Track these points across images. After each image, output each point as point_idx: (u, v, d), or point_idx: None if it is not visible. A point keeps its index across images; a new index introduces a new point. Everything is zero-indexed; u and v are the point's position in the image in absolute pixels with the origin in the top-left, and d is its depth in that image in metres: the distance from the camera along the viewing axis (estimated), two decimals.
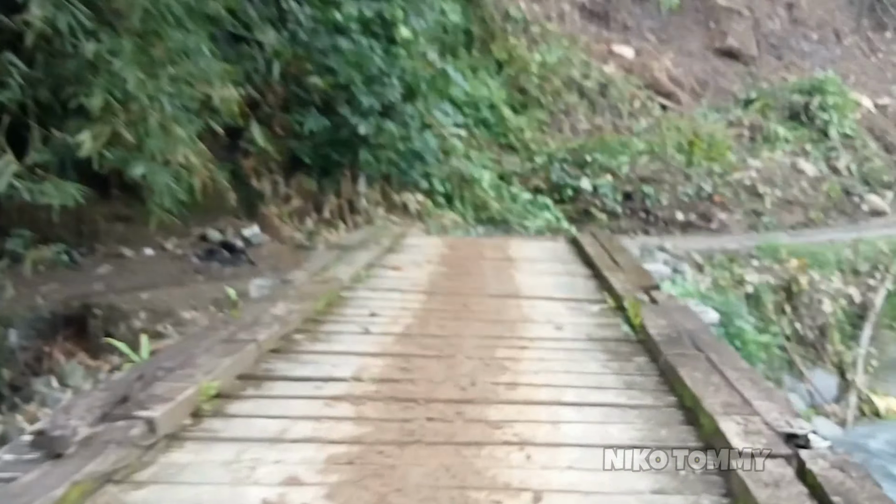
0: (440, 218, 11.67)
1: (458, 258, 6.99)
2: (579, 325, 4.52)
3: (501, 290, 5.58)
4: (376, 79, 10.85)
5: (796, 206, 12.71)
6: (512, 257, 7.03)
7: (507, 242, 7.96)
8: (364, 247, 6.91)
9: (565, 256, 7.11)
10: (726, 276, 9.06)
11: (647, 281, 5.22)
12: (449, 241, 8.24)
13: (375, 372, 3.53)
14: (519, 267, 6.55)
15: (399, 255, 7.06)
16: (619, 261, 6.04)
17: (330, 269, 5.76)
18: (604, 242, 6.96)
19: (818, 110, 15.06)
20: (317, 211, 10.88)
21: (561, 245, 7.76)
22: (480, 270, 6.39)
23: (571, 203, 12.40)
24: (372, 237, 7.54)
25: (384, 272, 6.20)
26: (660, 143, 13.09)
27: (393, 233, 8.03)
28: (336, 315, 4.67)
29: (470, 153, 12.80)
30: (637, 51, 19.08)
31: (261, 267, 9.36)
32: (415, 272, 6.26)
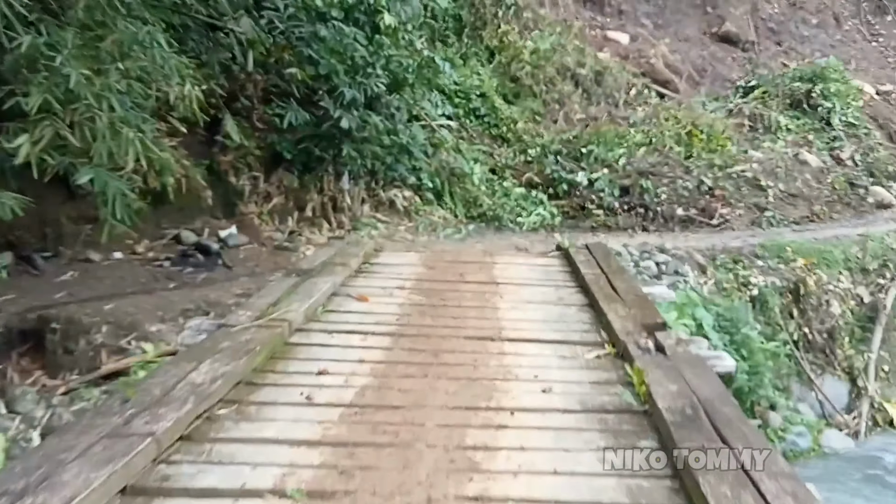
0: (429, 215, 11.14)
1: (435, 282, 6.11)
2: (571, 385, 3.78)
3: (481, 328, 4.80)
4: (360, 69, 10.28)
5: (800, 199, 12.19)
6: (497, 280, 6.20)
7: (492, 260, 6.98)
8: (328, 270, 6.04)
9: (557, 277, 6.31)
10: (730, 279, 8.56)
11: (651, 317, 4.56)
12: (428, 257, 7.28)
13: (305, 477, 2.75)
14: (504, 294, 5.72)
15: (369, 278, 6.26)
16: (618, 287, 5.36)
17: (282, 303, 4.93)
18: (600, 261, 6.24)
19: (820, 98, 14.54)
20: (298, 209, 10.35)
21: (552, 262, 6.91)
22: (460, 299, 5.54)
23: (566, 198, 11.88)
24: (339, 255, 6.66)
25: (348, 303, 5.41)
26: (658, 134, 12.55)
27: (364, 249, 7.10)
28: (277, 374, 3.91)
29: (460, 146, 12.26)
30: (632, 37, 18.54)
31: (237, 271, 8.83)
32: (383, 303, 5.43)
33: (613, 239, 10.58)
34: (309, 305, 4.90)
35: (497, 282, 6.07)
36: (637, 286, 5.52)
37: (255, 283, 8.08)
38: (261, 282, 8.18)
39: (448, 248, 9.20)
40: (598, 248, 6.82)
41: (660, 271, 8.24)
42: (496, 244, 9.97)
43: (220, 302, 7.37)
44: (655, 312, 4.73)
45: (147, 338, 6.80)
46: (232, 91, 10.92)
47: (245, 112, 10.93)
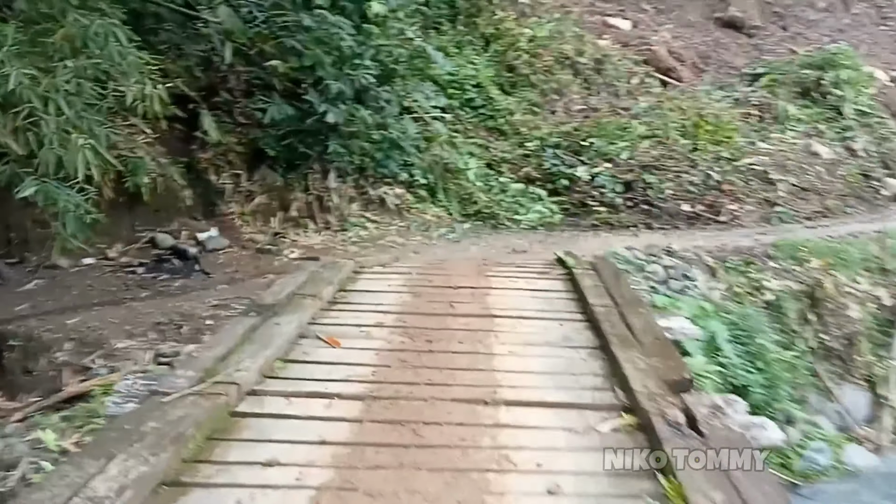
0: (422, 213, 10.71)
1: (421, 316, 5.36)
2: (585, 479, 3.04)
3: (473, 385, 4.06)
4: (347, 60, 9.81)
5: (812, 193, 11.74)
6: (492, 311, 5.46)
7: (487, 285, 6.22)
8: (295, 305, 5.28)
9: (560, 307, 5.57)
10: (742, 283, 8.10)
11: (676, 370, 3.92)
12: (414, 281, 6.48)
13: None
14: (501, 331, 4.98)
15: (343, 312, 5.51)
16: (633, 324, 4.63)
17: (233, 356, 4.19)
18: (610, 287, 5.56)
19: (831, 86, 14.04)
20: (283, 209, 9.94)
21: (555, 286, 6.13)
22: (449, 340, 4.80)
23: (566, 193, 11.41)
24: (310, 284, 5.91)
25: (315, 350, 4.69)
26: (662, 125, 12.06)
27: (340, 274, 6.33)
28: (212, 467, 3.11)
29: (454, 140, 11.82)
30: (633, 23, 18.04)
31: (215, 278, 8.39)
32: (357, 349, 4.71)
33: (616, 238, 10.15)
34: (266, 359, 4.22)
35: (492, 314, 5.36)
36: (654, 323, 4.83)
37: (232, 292, 7.65)
38: (239, 290, 7.75)
39: (439, 255, 8.72)
40: (607, 267, 6.16)
41: (667, 276, 7.80)
42: (492, 246, 9.52)
43: (193, 314, 6.93)
44: (681, 364, 4.09)
45: (113, 356, 6.35)
46: (212, 84, 10.51)
47: (226, 107, 10.52)
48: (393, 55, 10.67)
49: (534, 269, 6.77)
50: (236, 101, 10.56)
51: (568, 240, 9.97)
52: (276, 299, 5.40)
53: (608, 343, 4.42)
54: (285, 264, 8.80)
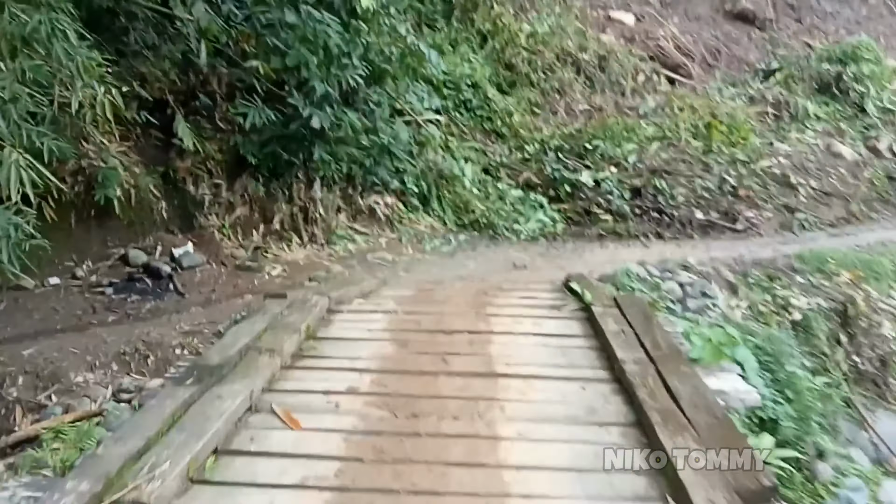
0: (414, 224, 10.29)
1: (406, 376, 4.41)
2: None
3: (473, 494, 3.22)
4: (334, 59, 9.37)
5: (835, 198, 11.31)
6: (495, 369, 4.50)
7: (489, 325, 5.30)
8: (247, 365, 4.26)
9: (580, 360, 4.63)
10: (767, 300, 7.66)
11: (749, 474, 3.09)
12: (400, 320, 5.57)
13: None
14: (507, 400, 4.01)
15: (309, 371, 4.52)
16: (677, 391, 3.68)
17: (151, 452, 3.26)
18: (640, 333, 4.63)
19: (852, 81, 13.63)
20: (265, 221, 9.51)
21: (571, 329, 5.21)
22: (440, 415, 3.85)
23: (570, 201, 10.99)
24: (270, 334, 4.85)
25: (264, 434, 3.72)
26: (672, 126, 11.65)
27: (308, 319, 5.23)
28: None
29: (449, 143, 11.41)
30: (638, 17, 17.62)
31: (190, 298, 7.96)
32: (322, 432, 3.75)
33: (624, 249, 9.73)
34: (195, 454, 3.28)
35: (496, 371, 4.45)
36: (704, 388, 3.88)
37: (207, 315, 7.21)
38: (215, 313, 7.32)
39: (433, 274, 8.27)
40: (633, 305, 5.21)
41: (684, 294, 7.35)
42: (491, 261, 9.10)
43: (162, 342, 6.50)
44: (755, 459, 3.22)
45: (71, 391, 5.92)
46: (192, 87, 10.07)
47: (206, 111, 10.09)
48: (383, 54, 10.25)
49: (542, 303, 5.93)
50: (217, 105, 10.13)
51: (572, 252, 9.56)
52: (224, 357, 4.35)
53: (649, 422, 3.54)
54: (266, 282, 8.39)
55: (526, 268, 8.59)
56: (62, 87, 4.70)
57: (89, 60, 4.85)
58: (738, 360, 5.93)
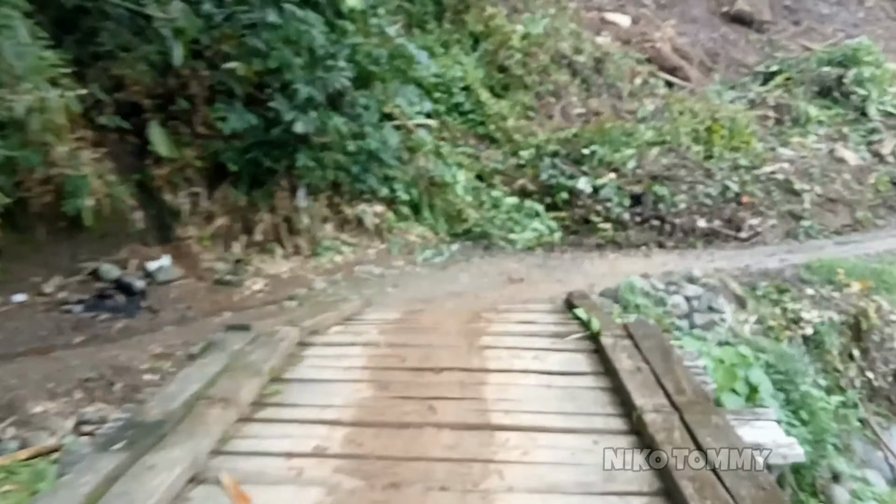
0: (404, 234, 9.82)
1: (384, 430, 3.59)
2: None
3: None
4: (319, 61, 8.92)
5: (840, 204, 10.89)
6: (490, 418, 3.69)
7: (483, 361, 4.55)
8: (193, 421, 3.42)
9: (590, 404, 3.84)
10: (776, 314, 7.21)
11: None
12: (382, 355, 4.77)
13: None
14: (506, 463, 3.22)
15: (268, 426, 3.65)
16: (708, 448, 2.99)
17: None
18: (660, 373, 3.90)
19: (853, 84, 13.24)
20: (246, 232, 9.04)
21: (578, 364, 4.41)
22: (425, 487, 3.01)
23: (567, 209, 10.52)
24: (227, 377, 3.99)
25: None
26: (672, 130, 11.20)
27: (277, 351, 4.47)
28: None
29: (441, 149, 10.92)
30: (634, 19, 17.20)
31: (164, 316, 7.47)
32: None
33: (625, 260, 9.27)
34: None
35: (492, 423, 3.64)
36: (740, 442, 3.12)
37: (181, 335, 6.73)
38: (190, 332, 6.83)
39: (423, 290, 7.76)
40: (648, 336, 4.47)
41: (691, 308, 6.91)
42: (485, 273, 8.62)
43: (130, 367, 6.02)
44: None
45: (29, 423, 5.42)
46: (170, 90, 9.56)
47: (185, 115, 9.56)
48: (371, 55, 9.78)
49: (543, 329, 5.27)
50: (197, 109, 9.62)
51: (570, 263, 9.10)
52: (166, 411, 3.49)
53: (681, 495, 2.71)
54: (247, 298, 7.91)
55: (522, 281, 8.11)
56: (7, 90, 4.21)
57: (41, 61, 4.35)
58: (753, 383, 5.48)
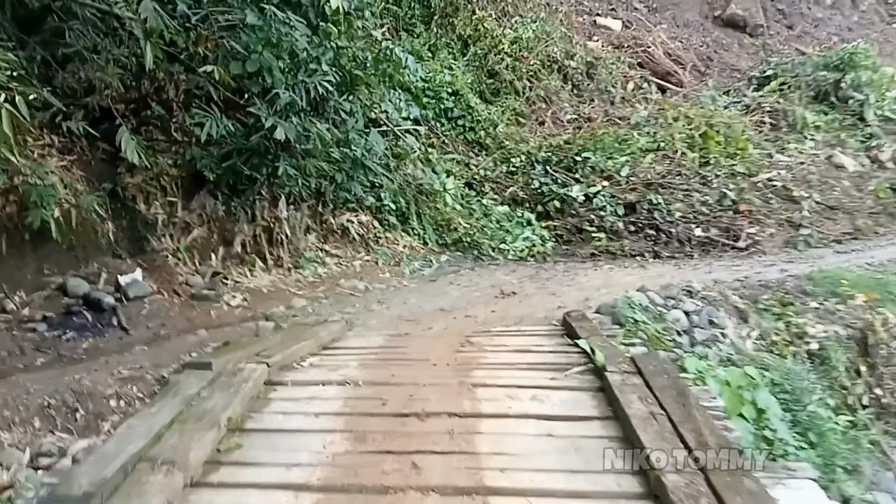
0: (392, 244, 9.44)
1: (362, 495, 3.04)
2: None
3: None
4: (301, 65, 8.51)
5: (840, 212, 10.55)
6: (485, 477, 3.14)
7: (475, 404, 3.97)
8: (126, 496, 2.81)
9: (599, 460, 3.23)
10: (780, 328, 6.84)
11: None
12: (359, 396, 4.20)
13: None
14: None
15: (223, 489, 3.10)
16: None
17: None
18: (675, 416, 3.41)
19: (851, 89, 12.93)
20: (225, 244, 8.62)
21: (582, 407, 3.86)
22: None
23: (560, 217, 10.18)
24: (178, 430, 3.45)
25: None
26: (666, 137, 10.85)
27: (239, 395, 3.92)
28: None
29: (429, 156, 10.56)
30: (625, 23, 16.92)
31: (135, 335, 7.03)
32: None
33: (620, 271, 8.90)
34: None
35: (486, 486, 3.06)
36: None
37: (152, 356, 6.30)
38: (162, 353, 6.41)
39: (410, 306, 7.34)
40: (661, 373, 3.95)
41: (691, 323, 6.54)
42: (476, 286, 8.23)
43: (95, 392, 5.57)
44: None
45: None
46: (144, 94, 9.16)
47: (160, 121, 9.15)
48: (356, 59, 9.38)
49: (541, 359, 4.73)
50: (173, 114, 9.22)
51: (563, 275, 8.72)
52: (97, 479, 2.87)
53: None
54: (224, 314, 7.48)
55: (515, 295, 7.73)
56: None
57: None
58: (761, 406, 5.11)
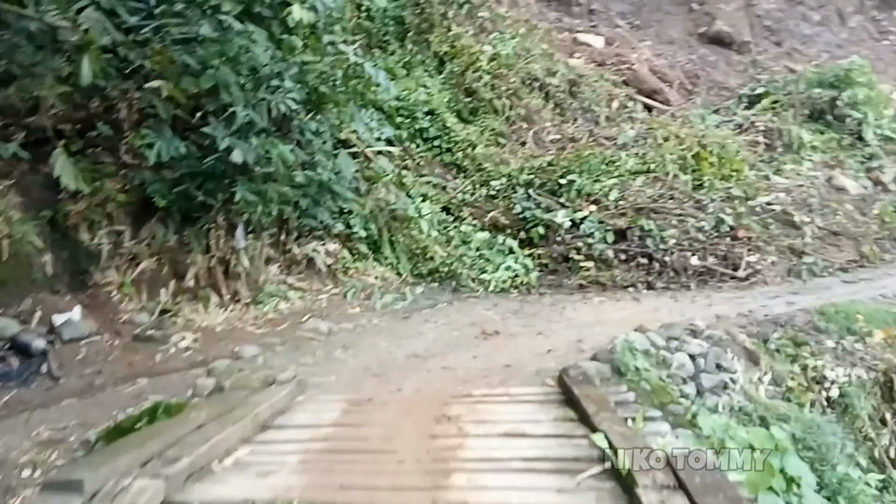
0: (362, 275, 8.74)
1: None
2: None
3: None
4: (262, 81, 7.82)
5: (844, 237, 9.97)
6: None
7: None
8: None
9: None
10: (795, 372, 6.16)
11: None
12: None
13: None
14: None
15: None
16: None
17: None
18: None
19: (847, 107, 12.38)
20: (176, 277, 7.85)
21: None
22: None
23: (544, 245, 9.51)
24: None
25: None
26: (657, 158, 10.22)
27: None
28: None
29: (403, 179, 9.85)
30: (608, 39, 16.38)
31: (65, 385, 6.25)
32: None
33: (612, 305, 8.24)
34: None
35: None
36: None
37: (81, 412, 5.52)
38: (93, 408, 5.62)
39: (379, 351, 6.52)
40: (712, 489, 2.88)
41: (697, 368, 5.84)
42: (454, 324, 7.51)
43: (7, 459, 4.81)
44: None
45: None
46: (93, 114, 8.40)
47: (108, 143, 8.37)
48: (324, 75, 8.70)
49: (542, 452, 3.65)
50: (122, 135, 8.45)
51: (550, 309, 8.04)
52: None
53: None
54: (170, 357, 6.71)
55: (498, 334, 6.99)
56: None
57: None
58: (791, 475, 4.38)
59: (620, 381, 5.08)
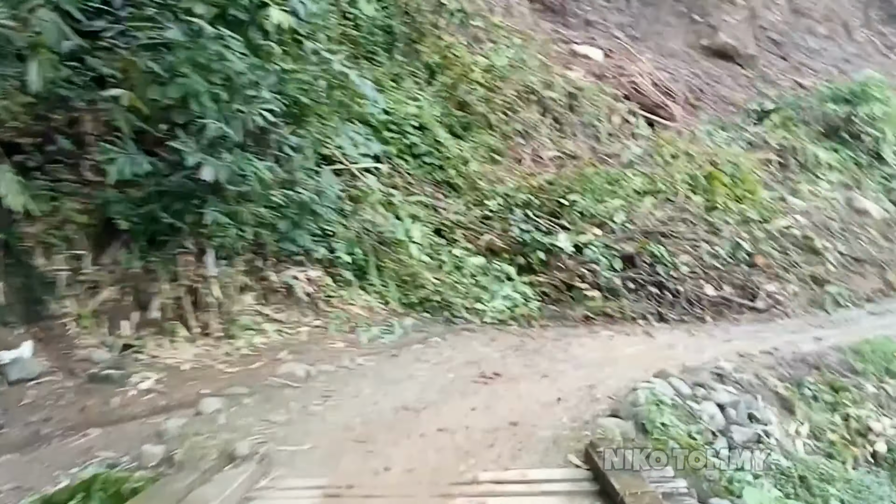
0: (346, 305, 8.12)
1: None
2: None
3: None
4: (236, 91, 7.20)
5: (868, 265, 9.47)
6: None
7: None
8: None
9: None
10: (835, 423, 5.58)
11: None
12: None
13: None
14: None
15: None
16: None
17: None
18: None
19: (864, 124, 11.90)
20: (140, 307, 7.20)
21: None
22: None
23: (545, 271, 8.91)
24: None
25: None
26: (666, 176, 9.67)
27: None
28: None
29: (392, 198, 9.26)
30: (607, 52, 15.89)
31: (8, 434, 5.53)
32: None
33: (622, 339, 7.65)
34: None
35: None
36: None
37: (20, 472, 4.86)
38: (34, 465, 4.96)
39: (364, 402, 5.82)
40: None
41: (727, 420, 5.24)
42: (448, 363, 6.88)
43: None
44: None
45: None
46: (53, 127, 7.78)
47: (70, 158, 7.75)
48: (306, 86, 8.11)
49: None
50: (85, 150, 7.83)
51: (554, 345, 7.44)
52: None
53: None
54: (129, 401, 6.07)
55: (498, 376, 6.36)
56: None
57: None
58: None
59: (646, 440, 4.47)
